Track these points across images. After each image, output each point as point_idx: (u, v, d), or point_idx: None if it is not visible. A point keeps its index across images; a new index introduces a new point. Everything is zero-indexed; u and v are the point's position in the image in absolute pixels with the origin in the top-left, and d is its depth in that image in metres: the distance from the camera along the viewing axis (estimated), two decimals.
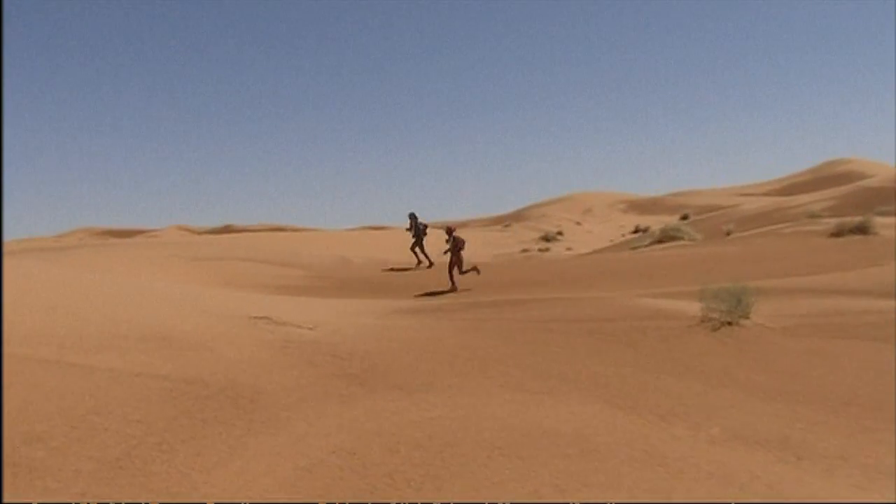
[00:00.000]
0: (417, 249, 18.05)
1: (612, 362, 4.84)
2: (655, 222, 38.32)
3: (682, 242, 19.47)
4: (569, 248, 30.72)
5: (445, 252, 14.84)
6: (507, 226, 45.52)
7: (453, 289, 12.71)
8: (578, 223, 45.32)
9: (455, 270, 14.54)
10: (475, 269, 14.15)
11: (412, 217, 18.30)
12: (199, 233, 62.82)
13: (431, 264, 17.59)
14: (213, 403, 3.72)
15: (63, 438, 3.05)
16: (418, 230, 18.24)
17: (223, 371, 4.23)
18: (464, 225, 58.24)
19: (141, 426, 3.31)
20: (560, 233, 37.58)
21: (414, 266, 17.66)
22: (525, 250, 30.11)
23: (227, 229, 64.39)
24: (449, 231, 15.21)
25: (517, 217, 51.12)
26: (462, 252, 15.02)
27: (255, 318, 5.84)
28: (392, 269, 16.12)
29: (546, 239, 35.41)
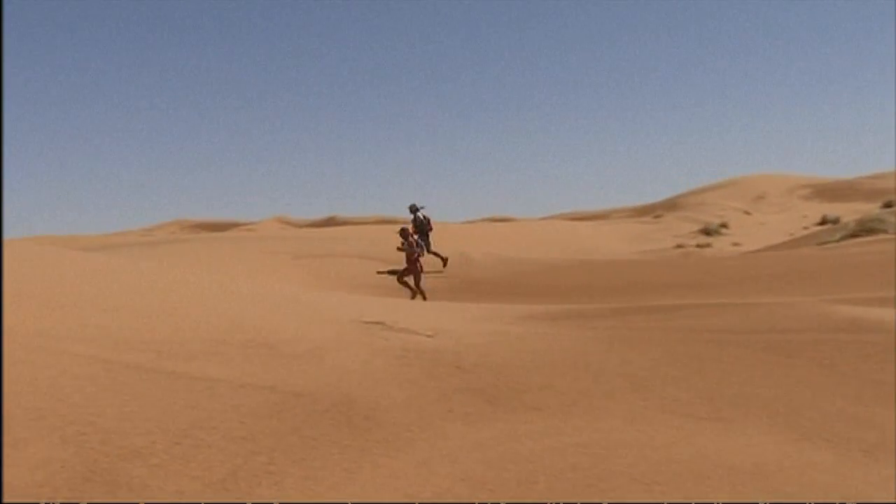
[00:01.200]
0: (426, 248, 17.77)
1: (798, 384, 4.59)
2: (848, 211, 36.08)
3: (884, 236, 18.20)
4: (736, 244, 29.50)
5: (409, 267, 14.65)
6: (657, 217, 44.37)
7: (416, 294, 12.81)
8: (748, 213, 43.43)
9: (411, 279, 14.52)
10: (419, 288, 13.88)
11: (414, 210, 17.61)
12: (301, 225, 65.40)
13: (444, 260, 17.40)
14: (325, 420, 3.84)
15: (164, 455, 3.24)
16: (422, 225, 17.88)
17: (335, 383, 4.36)
18: (603, 216, 57.35)
19: (247, 444, 3.47)
20: (724, 225, 36.20)
21: (443, 268, 17.43)
22: (680, 246, 29.23)
23: (332, 221, 66.65)
24: (405, 233, 15.13)
25: (670, 206, 49.65)
26: (421, 258, 14.95)
27: (368, 322, 5.99)
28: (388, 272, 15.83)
29: (706, 232, 34.20)
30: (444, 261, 17.14)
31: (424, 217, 17.73)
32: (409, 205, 17.75)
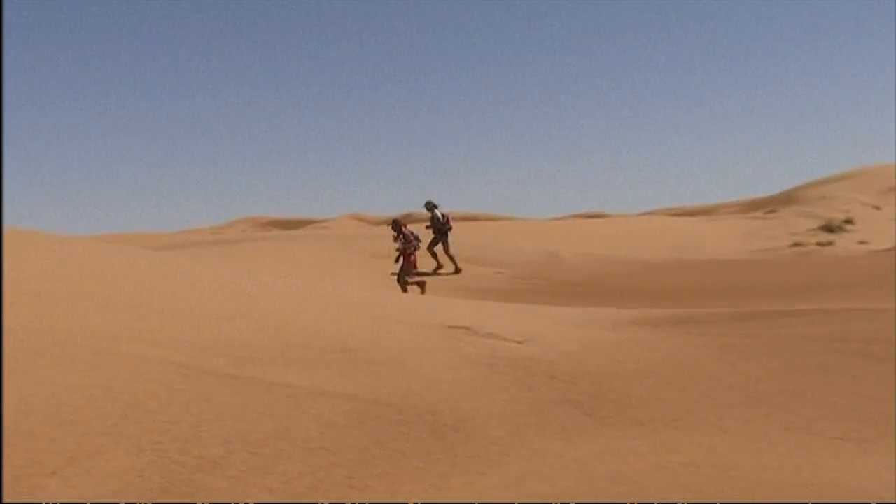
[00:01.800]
0: (440, 249, 17.61)
1: None
2: None
3: None
4: (863, 242, 28.44)
5: (397, 259, 14.62)
6: (771, 212, 43.16)
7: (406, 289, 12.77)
8: (877, 207, 41.79)
9: (406, 276, 14.28)
10: (423, 283, 13.89)
11: (430, 207, 17.33)
12: (377, 223, 66.10)
13: (457, 269, 17.24)
14: (410, 431, 3.86)
15: (242, 466, 3.31)
16: (440, 224, 17.58)
17: (420, 392, 4.39)
18: (708, 211, 56.11)
19: (328, 456, 3.52)
20: (849, 220, 34.94)
21: (432, 271, 17.36)
22: (798, 244, 28.35)
23: (408, 219, 67.10)
24: (397, 225, 14.94)
25: (786, 200, 48.21)
26: (415, 254, 14.62)
27: (454, 327, 6.01)
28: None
29: (828, 229, 33.06)
30: (457, 270, 17.15)
31: (443, 215, 17.65)
32: (425, 202, 17.76)
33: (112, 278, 7.13)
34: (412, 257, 15.23)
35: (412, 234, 15.31)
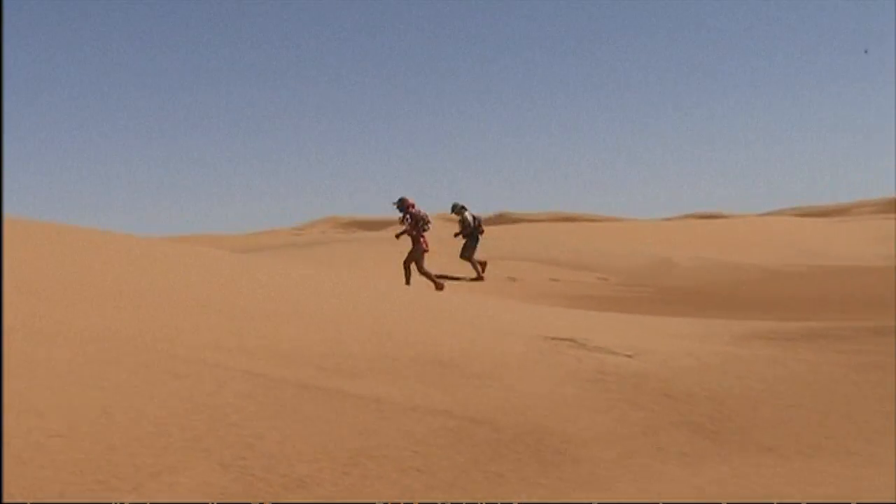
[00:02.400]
0: (467, 253, 17.13)
1: None
2: None
3: None
4: None
5: (398, 236, 14.48)
6: None
7: (439, 286, 12.47)
8: None
9: (413, 266, 13.99)
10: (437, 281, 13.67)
11: (459, 210, 16.95)
12: None
13: (480, 276, 16.82)
14: (510, 452, 3.84)
15: (331, 487, 3.34)
16: (472, 228, 17.13)
17: (519, 409, 4.37)
18: (840, 211, 54.41)
19: (421, 477, 3.52)
20: None
21: (477, 276, 16.96)
22: None
23: (502, 218, 67.14)
24: (403, 204, 14.57)
25: None
26: (425, 238, 14.40)
27: (555, 339, 5.97)
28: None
29: None
30: (480, 277, 16.92)
31: (474, 217, 17.41)
32: (451, 205, 17.51)
33: (190, 281, 7.33)
34: (422, 240, 15.11)
35: (421, 213, 15.19)
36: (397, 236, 15.64)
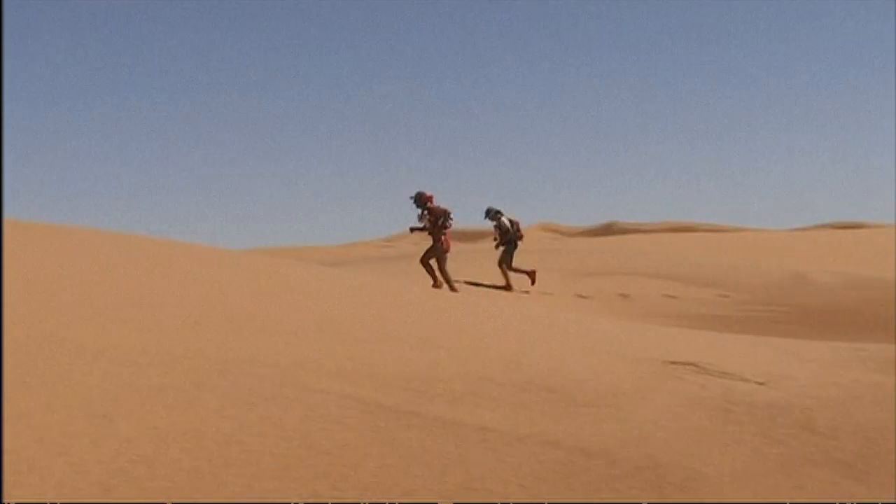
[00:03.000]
0: (505, 262, 16.66)
1: None
2: None
3: None
4: None
5: (413, 230, 14.63)
6: None
7: (454, 290, 12.24)
8: None
9: (435, 264, 13.57)
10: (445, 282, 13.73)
11: (494, 215, 16.81)
12: (572, 234, 66.12)
13: (509, 285, 16.31)
14: (626, 489, 3.79)
15: None
16: (510, 234, 16.57)
17: (637, 441, 4.30)
18: None
19: None
20: None
21: (504, 286, 16.52)
22: None
23: (611, 229, 66.71)
24: (421, 199, 14.16)
25: None
26: (447, 235, 14.39)
27: (675, 363, 5.89)
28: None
29: None
30: (508, 287, 16.59)
31: (511, 221, 17.07)
32: (486, 209, 17.22)
33: (278, 299, 7.46)
34: (443, 238, 14.98)
35: (441, 209, 15.07)
36: (412, 230, 15.59)
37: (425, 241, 15.82)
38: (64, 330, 5.00)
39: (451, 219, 15.38)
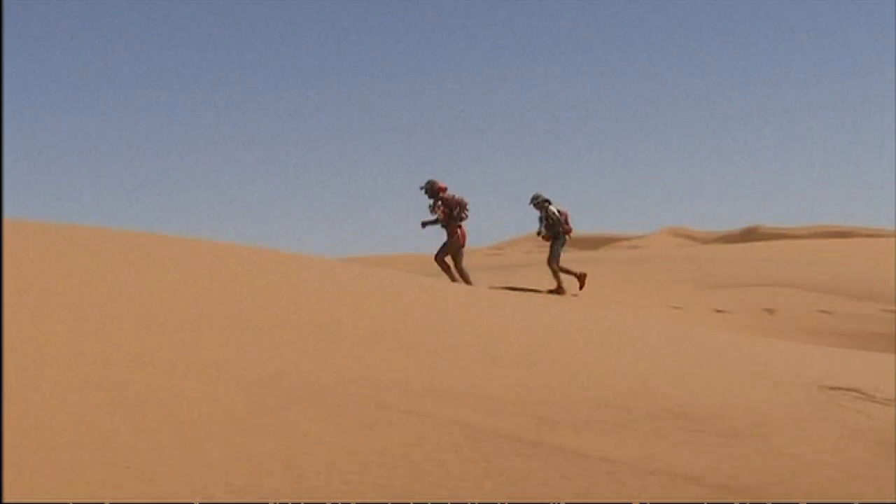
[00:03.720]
0: (554, 260, 16.21)
1: None
2: None
3: None
4: None
5: (425, 225, 14.66)
6: None
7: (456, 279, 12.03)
8: None
9: (449, 260, 14.55)
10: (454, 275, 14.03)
11: (542, 203, 16.38)
12: (707, 240, 65.25)
13: (560, 288, 15.77)
14: None
15: None
16: (558, 225, 15.98)
17: (790, 478, 4.22)
18: None
19: None
20: None
21: (556, 288, 16.45)
22: None
23: (752, 234, 65.65)
24: (433, 188, 14.60)
25: None
26: (463, 228, 14.62)
27: (834, 388, 5.77)
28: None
29: None
30: (560, 290, 16.15)
31: (559, 212, 16.62)
32: (533, 195, 16.79)
33: (376, 312, 7.54)
34: (458, 231, 14.93)
35: (456, 198, 14.89)
36: (423, 225, 15.50)
37: (539, 249, 15.89)
38: (152, 348, 5.14)
39: (467, 209, 15.36)
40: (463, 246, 15.50)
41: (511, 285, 18.62)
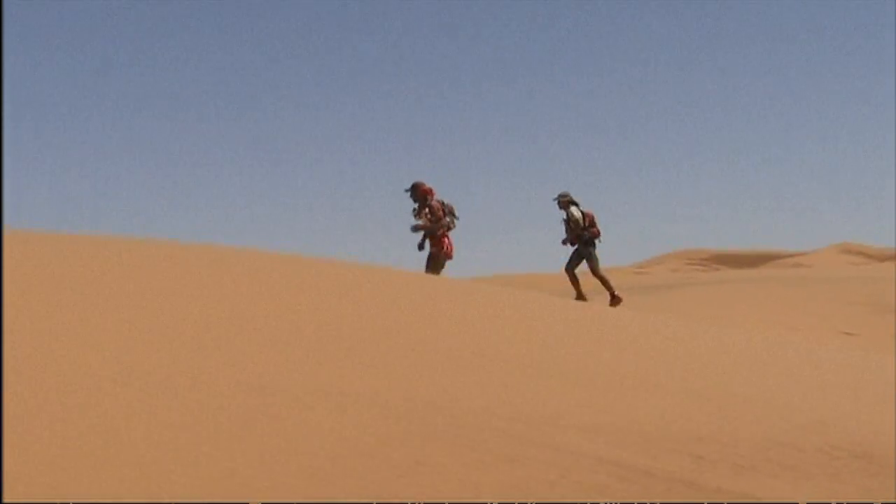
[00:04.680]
0: (573, 266, 16.26)
1: None
2: None
3: None
4: None
5: (414, 229, 14.57)
6: None
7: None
8: None
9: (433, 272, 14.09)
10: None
11: (566, 203, 16.20)
12: (882, 258, 63.54)
13: (582, 296, 15.67)
14: None
15: None
16: (582, 229, 15.92)
17: None
18: None
19: None
20: None
21: (577, 296, 16.07)
22: None
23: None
24: (418, 193, 14.53)
25: None
26: (448, 234, 14.53)
27: None
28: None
29: None
30: (581, 297, 15.90)
31: (584, 213, 16.07)
32: (559, 194, 16.52)
33: (507, 335, 7.54)
34: (444, 241, 14.78)
35: (443, 204, 14.55)
36: (413, 229, 15.22)
37: (686, 267, 15.68)
38: (275, 376, 5.21)
39: (456, 216, 15.19)
40: (450, 258, 15.27)
41: (662, 307, 18.45)
